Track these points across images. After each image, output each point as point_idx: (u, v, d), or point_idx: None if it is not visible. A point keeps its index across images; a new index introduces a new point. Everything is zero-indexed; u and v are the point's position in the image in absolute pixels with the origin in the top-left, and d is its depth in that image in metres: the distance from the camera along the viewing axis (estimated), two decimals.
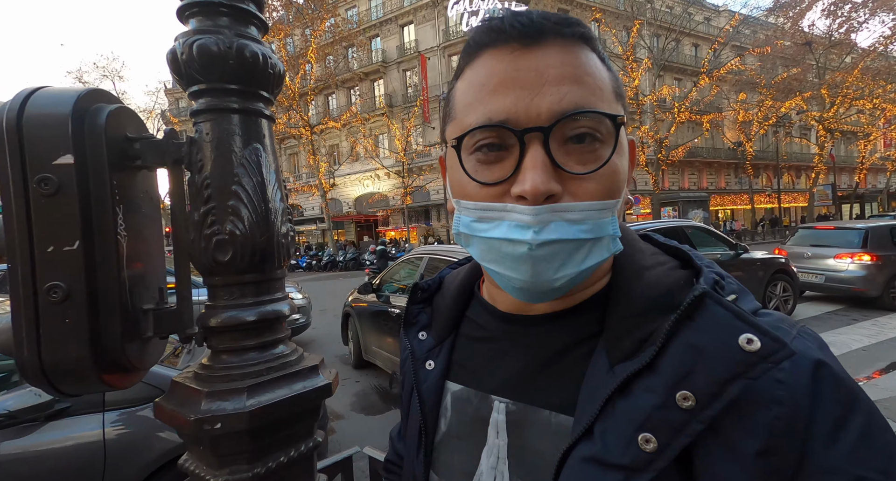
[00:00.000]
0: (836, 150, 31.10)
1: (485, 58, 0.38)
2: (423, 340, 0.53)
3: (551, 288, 0.37)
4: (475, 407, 0.45)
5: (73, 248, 0.67)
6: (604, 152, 0.37)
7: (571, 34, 0.37)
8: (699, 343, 0.33)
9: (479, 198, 0.39)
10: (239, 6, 0.82)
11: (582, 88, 0.36)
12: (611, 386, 0.35)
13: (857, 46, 23.02)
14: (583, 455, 0.34)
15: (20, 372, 0.68)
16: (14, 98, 0.68)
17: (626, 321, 0.37)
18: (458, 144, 0.38)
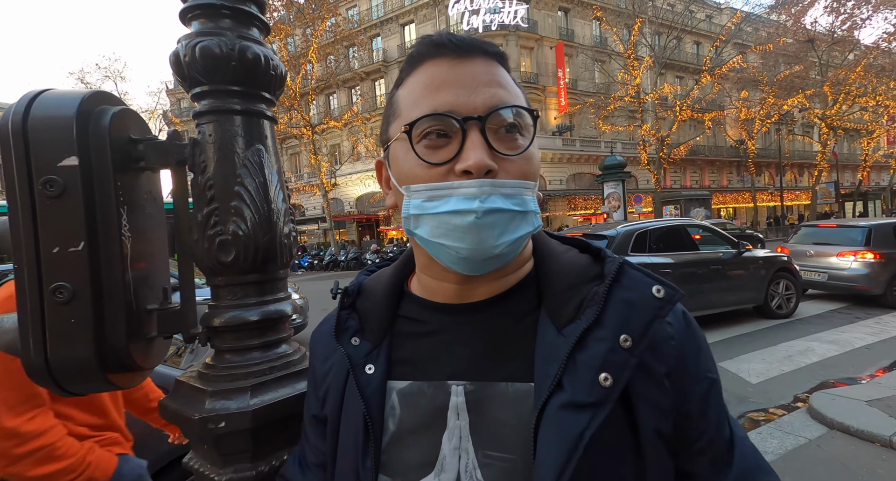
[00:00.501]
0: (839, 148, 30.98)
1: (427, 66, 0.46)
2: (358, 345, 0.51)
3: (492, 255, 0.44)
4: (430, 398, 0.47)
5: (78, 249, 0.68)
6: (524, 141, 0.46)
7: (493, 53, 0.47)
8: (629, 297, 0.45)
9: (428, 178, 0.44)
10: (241, 8, 0.82)
11: (506, 91, 0.46)
12: (568, 344, 0.43)
13: (860, 43, 22.90)
14: (558, 403, 0.41)
15: (27, 372, 0.68)
16: (19, 101, 0.69)
17: (562, 294, 0.47)
18: (409, 131, 0.44)
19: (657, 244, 5.80)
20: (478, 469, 0.44)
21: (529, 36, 24.77)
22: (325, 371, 0.54)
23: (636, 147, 22.10)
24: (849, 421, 3.03)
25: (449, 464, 0.45)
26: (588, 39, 27.02)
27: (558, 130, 25.08)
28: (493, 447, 0.44)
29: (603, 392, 0.41)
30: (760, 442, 2.96)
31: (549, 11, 25.70)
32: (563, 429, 0.40)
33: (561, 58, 25.21)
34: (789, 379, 4.13)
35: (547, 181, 25.03)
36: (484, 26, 23.90)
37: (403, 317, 0.52)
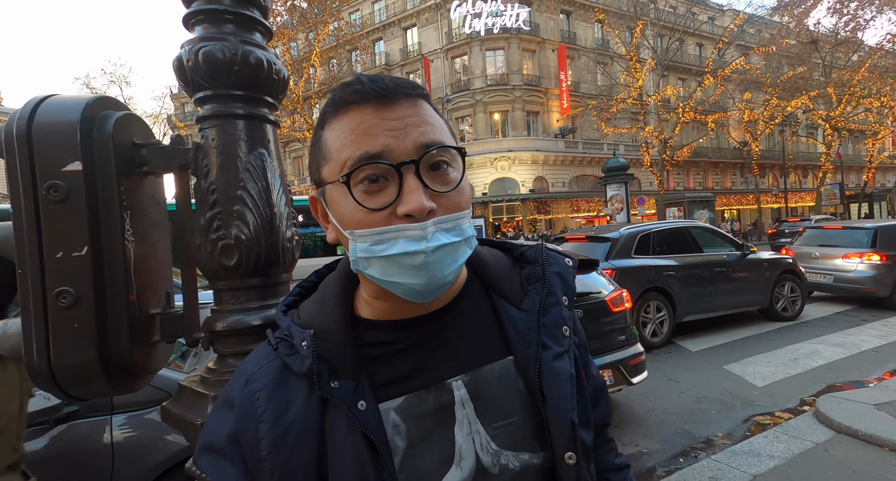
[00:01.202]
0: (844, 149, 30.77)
1: (352, 112, 0.47)
2: (339, 387, 0.48)
3: (442, 283, 0.48)
4: (433, 401, 0.51)
5: (81, 254, 0.68)
6: (455, 175, 0.49)
7: (415, 94, 0.49)
8: (558, 270, 0.59)
9: (370, 223, 0.46)
10: (244, 13, 0.83)
11: (433, 129, 0.48)
12: (534, 314, 0.55)
13: (864, 44, 22.79)
14: (550, 357, 0.53)
15: (30, 376, 0.69)
16: (24, 106, 0.69)
17: (504, 280, 0.58)
18: (347, 180, 0.46)
19: (661, 246, 5.77)
20: (491, 441, 0.51)
21: (531, 39, 24.82)
22: (283, 430, 0.47)
23: (639, 149, 22.07)
24: (856, 425, 3.00)
25: (466, 450, 0.50)
26: (590, 42, 27.04)
27: (560, 133, 25.08)
28: (498, 418, 0.52)
29: (567, 340, 0.55)
30: (767, 445, 2.93)
31: (550, 14, 25.75)
32: (560, 374, 0.52)
33: (563, 60, 25.24)
34: (795, 383, 4.09)
35: (549, 183, 25.01)
36: (486, 29, 23.97)
37: (367, 345, 0.52)
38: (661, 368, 4.66)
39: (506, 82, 24.45)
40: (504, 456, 0.51)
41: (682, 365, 4.77)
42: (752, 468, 2.68)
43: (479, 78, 24.69)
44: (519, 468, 0.51)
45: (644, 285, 5.35)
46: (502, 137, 24.70)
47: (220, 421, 0.50)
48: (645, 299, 5.35)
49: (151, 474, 1.89)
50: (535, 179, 24.59)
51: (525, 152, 24.18)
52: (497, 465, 0.50)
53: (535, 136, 25.07)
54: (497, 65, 25.00)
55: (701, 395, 3.91)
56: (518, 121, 24.80)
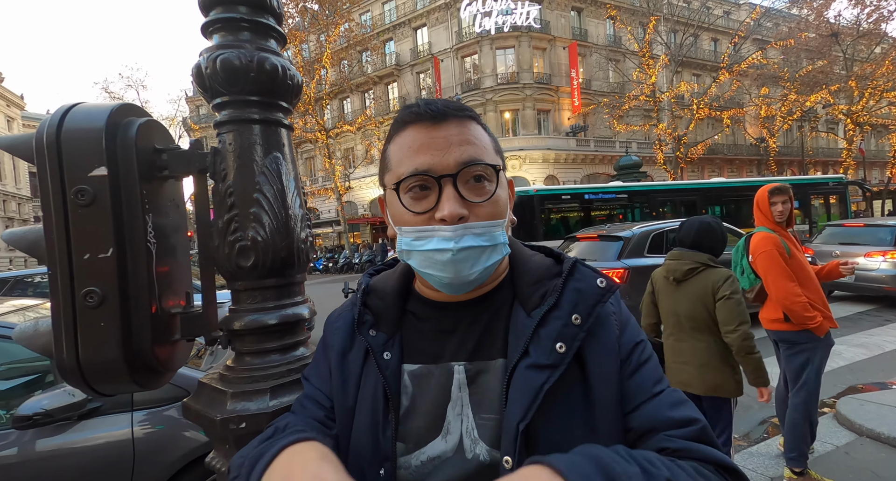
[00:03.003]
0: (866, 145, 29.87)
1: (409, 130, 0.57)
2: (375, 336, 0.61)
3: (468, 281, 0.56)
4: (437, 377, 0.58)
5: (107, 256, 0.71)
6: (491, 188, 0.56)
7: (464, 115, 0.57)
8: (579, 287, 0.58)
9: (414, 223, 0.56)
10: (259, 21, 0.85)
11: (474, 148, 0.56)
12: (534, 322, 0.56)
13: (888, 36, 22.09)
14: (525, 365, 0.54)
15: (60, 373, 0.72)
16: (53, 114, 0.72)
17: (529, 287, 0.60)
18: (396, 188, 0.56)
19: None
20: (475, 429, 0.56)
21: (542, 36, 24.64)
22: (341, 363, 0.62)
23: (652, 146, 21.76)
24: (879, 428, 2.92)
25: (453, 427, 0.56)
26: (602, 39, 26.74)
27: (572, 131, 24.86)
28: (485, 411, 0.56)
29: (558, 356, 0.54)
30: None
31: (561, 11, 25.53)
32: (527, 384, 0.53)
33: (574, 58, 25.01)
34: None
35: (561, 182, 24.82)
36: (496, 28, 23.88)
37: (411, 313, 0.63)
38: None
39: (516, 81, 24.32)
40: (480, 446, 0.55)
41: None
42: (770, 470, 2.64)
43: (490, 77, 24.61)
44: (487, 462, 0.54)
45: None
46: (513, 136, 24.58)
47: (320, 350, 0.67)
48: None
49: (171, 469, 1.94)
50: (546, 178, 24.42)
51: (536, 151, 24.03)
52: (472, 452, 0.55)
53: (546, 135, 24.90)
54: (507, 63, 24.88)
55: None
56: (529, 120, 24.65)
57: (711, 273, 2.11)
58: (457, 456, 0.55)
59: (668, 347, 2.23)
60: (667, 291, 2.25)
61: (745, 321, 2.02)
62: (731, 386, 2.10)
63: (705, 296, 2.08)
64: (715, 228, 2.18)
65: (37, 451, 1.79)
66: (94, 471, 1.83)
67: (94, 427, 1.88)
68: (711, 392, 2.10)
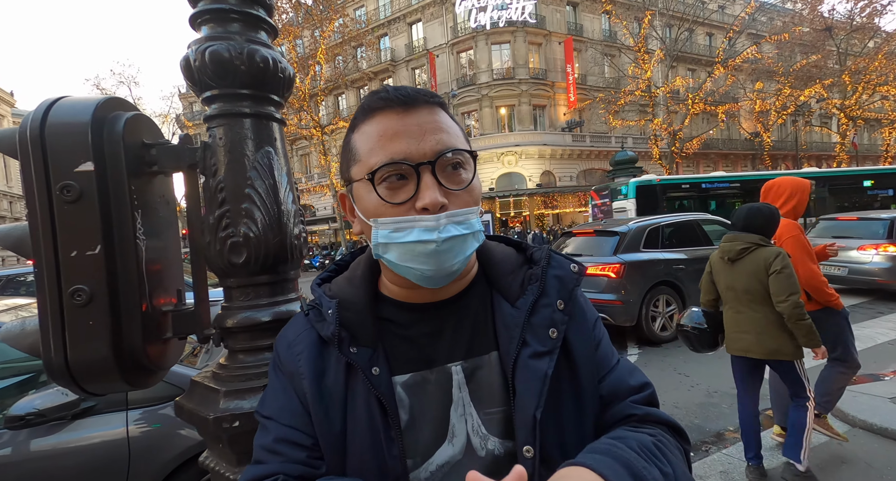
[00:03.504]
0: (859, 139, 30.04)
1: (378, 117, 0.54)
2: (358, 353, 0.55)
3: (450, 272, 0.54)
4: (434, 382, 0.57)
5: (95, 253, 0.70)
6: (467, 176, 0.55)
7: (433, 102, 0.55)
8: (558, 274, 0.61)
9: (391, 214, 0.53)
10: (249, 12, 0.83)
11: (447, 135, 0.54)
12: (524, 312, 0.57)
13: (882, 30, 22.17)
14: (527, 354, 0.55)
15: (48, 373, 0.70)
16: (36, 109, 0.70)
17: (506, 277, 0.61)
18: (371, 178, 0.52)
19: (670, 240, 5.71)
20: (482, 425, 0.55)
21: (537, 31, 24.55)
22: (320, 388, 0.56)
23: (647, 141, 21.80)
24: (872, 419, 2.95)
25: (458, 430, 0.55)
26: (597, 34, 26.67)
27: (567, 126, 24.84)
28: (489, 405, 0.56)
29: (552, 342, 0.56)
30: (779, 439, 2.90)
31: (557, 6, 25.43)
32: (533, 372, 0.54)
33: (570, 53, 24.94)
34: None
35: (557, 177, 24.83)
36: (491, 23, 23.76)
37: (387, 321, 0.59)
38: (672, 363, 4.63)
39: (512, 76, 24.25)
40: (491, 441, 0.55)
41: (693, 359, 4.73)
42: (765, 462, 2.66)
43: (485, 72, 24.52)
44: (502, 454, 0.55)
45: (653, 279, 5.31)
46: (509, 132, 24.54)
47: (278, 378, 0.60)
48: (654, 293, 5.31)
49: (166, 468, 1.93)
50: (542, 173, 24.43)
51: (532, 146, 24.01)
52: (484, 448, 0.55)
53: (542, 130, 24.87)
54: (503, 59, 24.79)
55: (712, 389, 3.88)
56: (524, 116, 24.61)
57: (763, 251, 2.35)
58: (467, 457, 0.54)
59: (729, 319, 2.51)
60: (723, 270, 2.53)
61: (795, 292, 2.27)
62: (789, 350, 2.36)
63: (759, 271, 2.34)
64: (764, 212, 2.40)
65: (31, 451, 1.77)
66: (89, 471, 1.82)
67: (89, 426, 1.86)
68: (771, 356, 2.38)
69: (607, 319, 5.28)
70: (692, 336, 2.68)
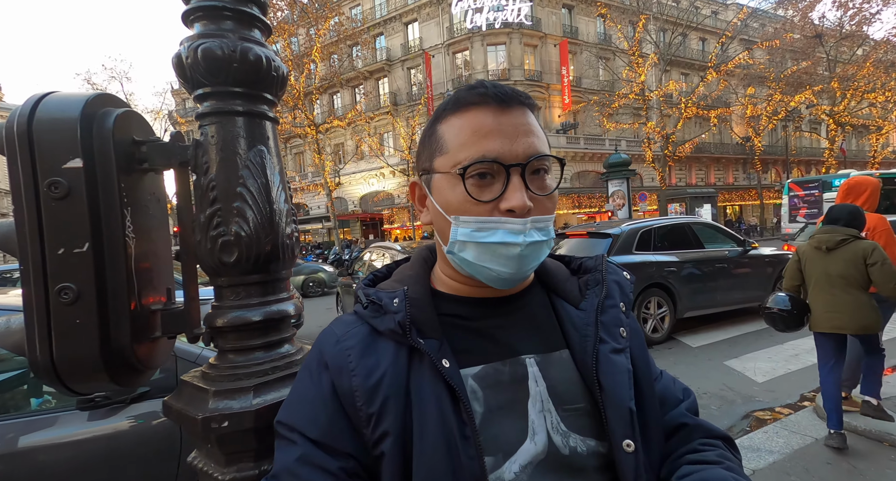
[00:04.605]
0: (848, 144, 30.56)
1: (473, 112, 0.53)
2: (424, 343, 0.53)
3: (523, 276, 0.55)
4: (510, 374, 0.55)
5: (82, 251, 0.69)
6: (551, 182, 0.56)
7: (528, 104, 0.55)
8: (616, 279, 0.63)
9: (475, 212, 0.53)
10: (242, 10, 0.82)
11: (539, 140, 0.54)
12: (591, 313, 0.59)
13: (870, 38, 22.56)
14: (608, 350, 0.56)
15: (33, 371, 0.69)
16: (24, 103, 0.69)
17: (564, 283, 0.63)
18: (463, 172, 0.52)
19: (662, 242, 5.77)
20: (561, 422, 0.54)
21: (533, 33, 24.66)
22: (375, 383, 0.51)
23: (641, 144, 21.98)
24: (856, 421, 3.00)
25: (538, 426, 0.53)
26: (592, 37, 26.85)
27: (562, 128, 24.97)
28: (568, 401, 0.55)
29: (623, 341, 0.57)
30: (766, 441, 2.94)
31: (552, 9, 25.56)
32: (618, 366, 0.55)
33: (565, 55, 25.08)
34: (796, 378, 4.10)
35: None
36: (487, 24, 23.82)
37: (446, 316, 0.57)
38: (662, 364, 4.67)
39: (507, 77, 24.31)
40: (573, 438, 0.53)
41: (683, 360, 4.78)
42: (752, 463, 2.69)
43: (481, 73, 24.56)
44: (586, 453, 0.53)
45: (645, 281, 5.35)
46: None
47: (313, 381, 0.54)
48: (646, 295, 5.36)
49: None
50: None
51: None
52: (567, 447, 0.52)
53: None
54: (498, 60, 24.86)
55: (701, 391, 3.92)
56: None
57: (860, 243, 2.77)
58: (550, 456, 0.51)
59: (819, 300, 2.90)
60: (817, 258, 2.92)
61: None
62: (875, 325, 2.83)
63: (856, 260, 2.76)
64: (859, 212, 2.86)
65: (95, 431, 1.82)
66: (145, 452, 1.84)
67: (145, 409, 1.88)
68: (862, 331, 2.81)
69: None
70: (778, 317, 2.97)
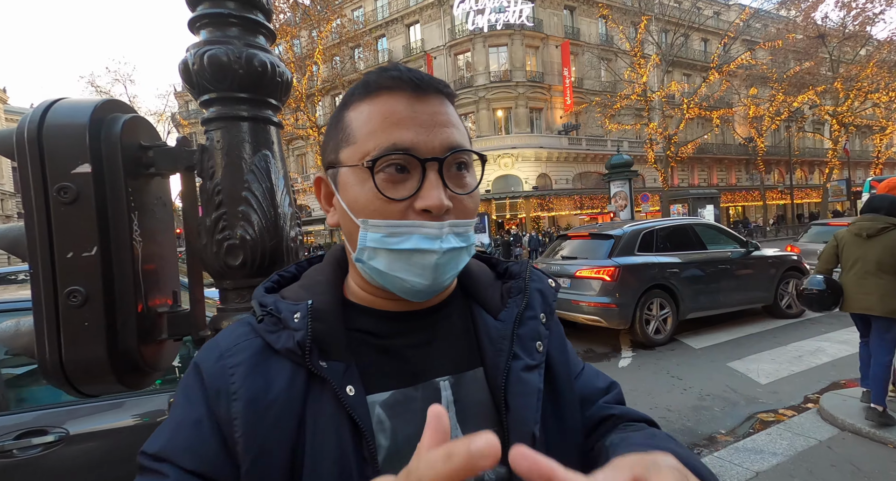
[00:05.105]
0: (851, 145, 30.45)
1: (384, 97, 0.47)
2: (328, 367, 0.46)
3: (441, 286, 0.49)
4: (422, 400, 0.49)
5: (91, 254, 0.70)
6: (471, 180, 0.50)
7: (447, 93, 0.49)
8: (539, 287, 0.58)
9: (385, 212, 0.46)
10: (248, 17, 0.84)
11: (458, 132, 0.48)
12: (509, 324, 0.54)
13: (873, 38, 22.50)
14: (519, 368, 0.52)
15: (42, 374, 0.70)
16: (34, 110, 0.71)
17: (485, 290, 0.58)
18: (372, 165, 0.45)
19: (664, 243, 5.76)
20: None
21: (535, 35, 24.67)
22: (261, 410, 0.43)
23: (643, 145, 21.97)
24: (860, 423, 2.99)
25: None
26: (594, 38, 26.85)
27: (564, 129, 24.96)
28: (476, 425, 0.50)
29: (539, 356, 0.54)
30: (770, 443, 2.93)
31: (554, 10, 25.57)
32: (528, 385, 0.51)
33: (566, 56, 25.08)
34: (799, 380, 4.08)
35: (553, 180, 24.93)
36: (489, 25, 23.85)
37: (359, 331, 0.50)
38: (665, 366, 4.67)
39: (509, 79, 24.33)
40: None
41: (686, 362, 4.77)
42: (756, 465, 2.69)
43: (483, 74, 24.58)
44: (494, 480, 0.48)
45: (647, 282, 5.35)
46: (505, 134, 24.61)
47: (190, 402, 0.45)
48: (648, 296, 5.35)
49: None
50: (538, 176, 24.51)
51: (528, 149, 24.10)
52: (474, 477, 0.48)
53: (539, 133, 24.97)
54: (500, 61, 24.87)
55: (705, 393, 3.91)
56: (521, 118, 24.69)
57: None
58: None
59: (852, 283, 3.10)
60: (855, 243, 3.12)
61: None
62: None
63: (894, 247, 2.95)
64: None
65: None
66: None
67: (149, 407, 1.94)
68: (890, 314, 2.95)
69: (600, 321, 5.32)
70: (814, 297, 3.22)
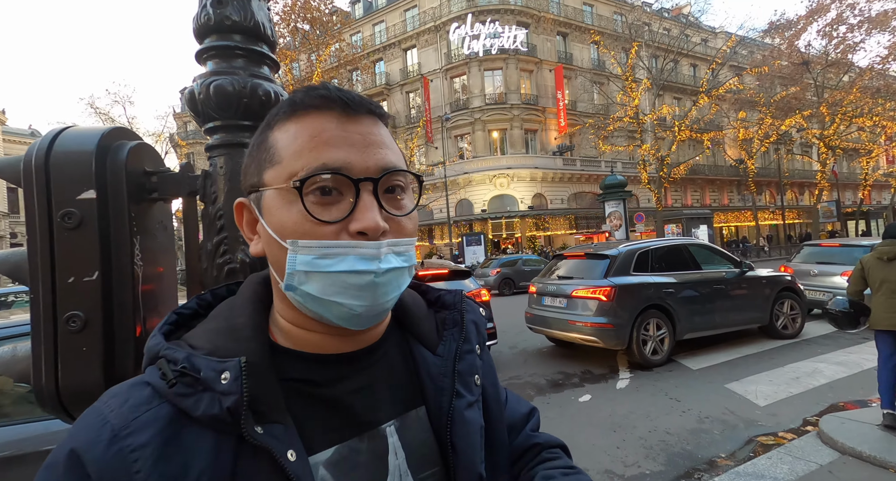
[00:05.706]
0: (839, 167, 31.12)
1: (312, 117, 0.44)
2: (264, 433, 0.40)
3: (383, 310, 0.46)
4: (368, 450, 0.46)
5: (92, 279, 0.71)
6: (408, 203, 0.48)
7: (378, 114, 0.47)
8: (473, 319, 0.58)
9: (317, 236, 0.43)
10: (253, 49, 0.87)
11: (393, 153, 0.47)
12: (450, 360, 0.53)
13: (855, 65, 23.32)
14: (462, 406, 0.51)
15: (38, 401, 0.70)
16: (43, 137, 0.72)
17: (420, 323, 0.56)
18: (300, 186, 0.42)
19: (659, 263, 5.79)
20: None
21: (529, 59, 25.40)
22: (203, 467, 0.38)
23: (636, 166, 22.33)
24: (860, 447, 2.96)
25: None
26: (586, 62, 27.66)
27: (558, 150, 25.41)
28: (425, 467, 0.49)
29: (477, 390, 0.54)
30: (771, 467, 2.89)
31: (547, 36, 26.42)
32: (472, 425, 0.51)
33: (560, 80, 25.77)
34: (798, 402, 4.05)
35: (548, 200, 25.18)
36: (484, 50, 24.55)
37: (290, 381, 0.45)
38: (663, 387, 4.62)
39: (504, 101, 24.90)
40: None
41: (684, 383, 4.73)
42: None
43: (478, 97, 25.15)
44: None
45: (643, 302, 5.35)
46: (501, 155, 25.00)
47: None
48: (645, 316, 5.34)
49: None
50: (533, 196, 24.77)
51: (524, 169, 24.44)
52: None
53: (534, 154, 25.39)
54: (495, 84, 25.50)
55: (703, 415, 3.87)
56: (516, 139, 25.14)
57: None
58: None
59: (882, 303, 3.36)
60: (878, 267, 3.42)
61: None
62: None
63: None
64: None
65: None
66: None
67: None
68: None
69: (597, 342, 5.29)
70: (839, 317, 3.51)
